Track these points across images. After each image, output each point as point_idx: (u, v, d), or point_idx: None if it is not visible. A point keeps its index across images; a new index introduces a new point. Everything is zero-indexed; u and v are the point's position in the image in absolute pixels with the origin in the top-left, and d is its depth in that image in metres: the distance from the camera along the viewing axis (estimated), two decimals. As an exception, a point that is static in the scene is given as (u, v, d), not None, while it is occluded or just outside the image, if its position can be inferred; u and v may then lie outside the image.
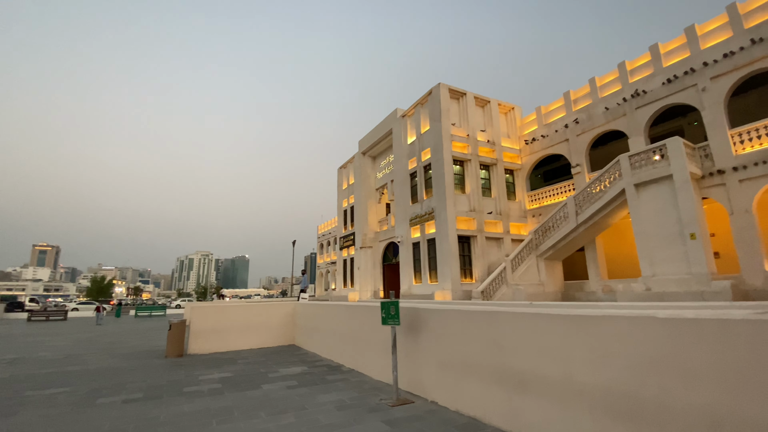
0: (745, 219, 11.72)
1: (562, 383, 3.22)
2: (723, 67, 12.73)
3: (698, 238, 11.07)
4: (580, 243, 15.71)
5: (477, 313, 4.24)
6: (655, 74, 14.82)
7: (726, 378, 2.33)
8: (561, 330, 3.27)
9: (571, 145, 17.94)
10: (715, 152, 12.54)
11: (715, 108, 12.80)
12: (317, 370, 7.06)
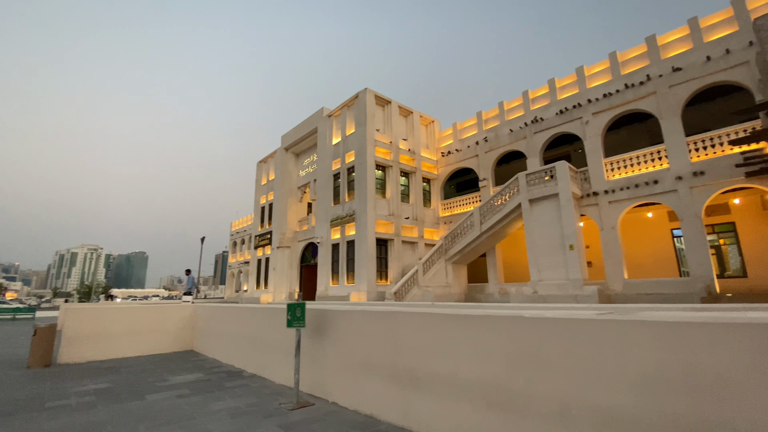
0: (611, 234, 14.04)
1: (450, 378, 3.50)
2: (602, 105, 15.15)
3: (575, 249, 12.96)
4: (483, 249, 17.24)
5: (378, 314, 4.39)
6: (551, 105, 17.02)
7: (574, 368, 2.76)
8: (450, 328, 3.56)
9: (480, 160, 19.65)
10: (592, 176, 14.83)
11: (594, 139, 15.15)
12: (215, 377, 6.60)
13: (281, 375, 5.98)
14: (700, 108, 14.39)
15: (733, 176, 11.45)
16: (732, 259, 14.29)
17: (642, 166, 13.76)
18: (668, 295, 12.19)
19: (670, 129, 13.07)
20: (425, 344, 3.78)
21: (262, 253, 26.66)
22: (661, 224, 15.53)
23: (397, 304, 6.04)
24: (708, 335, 2.22)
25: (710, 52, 12.67)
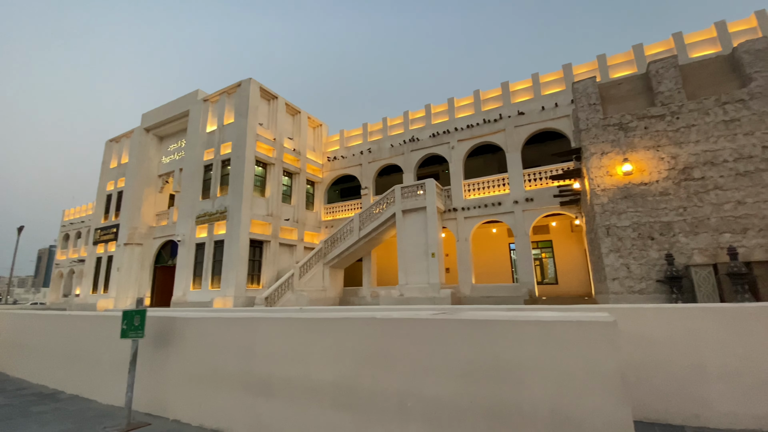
0: (465, 245, 16.21)
1: (302, 382, 3.52)
2: (465, 134, 17.48)
3: (436, 257, 14.57)
4: (360, 254, 17.92)
5: (235, 320, 4.15)
6: (426, 128, 18.89)
7: (411, 364, 3.10)
8: (306, 332, 3.61)
9: (363, 169, 20.48)
10: (454, 195, 16.94)
11: (457, 162, 17.35)
12: (18, 402, 5.22)
13: (111, 394, 5.08)
14: (535, 147, 17.91)
15: (552, 204, 14.55)
16: (549, 270, 18.09)
17: (491, 190, 16.36)
18: (503, 297, 14.69)
19: (513, 161, 15.90)
20: (281, 350, 3.73)
21: (104, 249, 22.22)
22: (502, 239, 18.68)
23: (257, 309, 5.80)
24: (508, 330, 2.77)
25: (545, 103, 15.93)
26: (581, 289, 16.17)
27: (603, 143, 8.41)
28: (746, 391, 3.61)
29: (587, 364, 2.53)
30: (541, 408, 2.61)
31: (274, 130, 19.35)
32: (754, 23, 13.89)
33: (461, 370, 2.90)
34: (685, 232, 7.25)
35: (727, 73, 8.20)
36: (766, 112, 7.38)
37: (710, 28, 14.49)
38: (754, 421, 3.55)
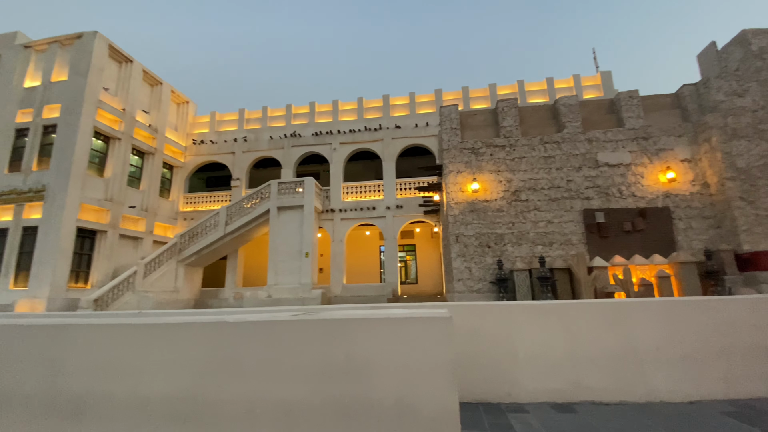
0: (339, 246, 16.50)
1: (129, 399, 3.00)
2: (348, 138, 17.88)
3: (310, 256, 14.43)
4: (225, 252, 16.44)
5: (39, 328, 3.29)
6: (309, 125, 18.62)
7: (263, 368, 2.97)
8: (139, 340, 3.10)
9: (236, 158, 18.91)
10: (332, 196, 17.11)
11: (338, 164, 17.60)
12: None
13: None
14: (408, 159, 19.49)
15: (418, 212, 16.04)
16: (412, 271, 19.84)
17: (368, 194, 17.11)
18: (370, 296, 15.46)
19: (388, 170, 16.97)
20: (104, 362, 3.11)
21: None
22: (374, 241, 19.70)
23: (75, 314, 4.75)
24: (360, 328, 2.91)
25: (418, 121, 17.49)
26: (436, 289, 18.24)
27: (459, 163, 9.70)
28: (544, 371, 4.61)
29: (427, 357, 2.85)
30: (387, 400, 2.82)
31: (124, 99, 16.22)
32: (571, 83, 18.05)
33: (315, 370, 2.91)
34: (512, 242, 8.92)
35: (549, 119, 10.45)
36: (571, 153, 9.66)
37: (543, 81, 18.22)
38: (548, 394, 4.54)
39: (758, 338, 4.42)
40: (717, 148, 8.57)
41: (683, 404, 4.29)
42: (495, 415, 4.03)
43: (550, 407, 4.26)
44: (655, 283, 7.82)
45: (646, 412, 4.06)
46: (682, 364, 4.46)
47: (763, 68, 8.88)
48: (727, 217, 8.33)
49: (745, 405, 4.12)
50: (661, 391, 4.44)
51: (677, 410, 4.10)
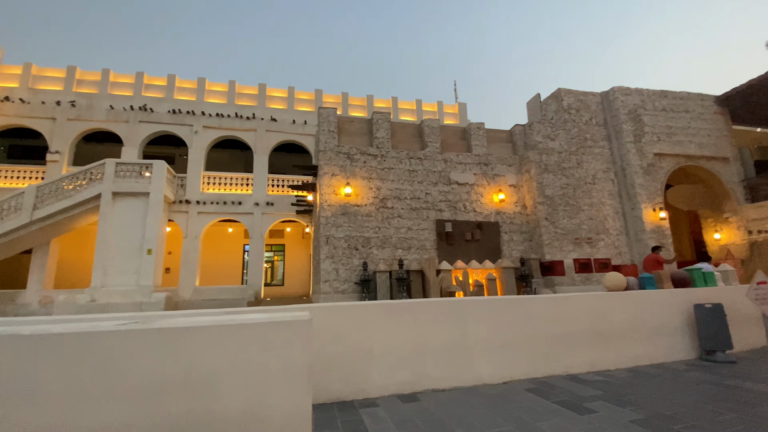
0: (193, 243, 14.67)
1: None
2: (214, 122, 16.11)
3: (154, 254, 12.39)
4: (30, 243, 12.77)
5: None
6: (166, 99, 16.09)
7: (77, 390, 2.39)
8: None
9: (57, 126, 14.94)
10: (189, 185, 15.13)
11: (200, 150, 15.69)
12: None
13: None
14: (282, 155, 18.74)
15: (290, 211, 15.55)
16: (278, 272, 19.07)
17: (234, 187, 15.74)
18: (228, 300, 14.20)
19: (260, 164, 15.99)
20: None
21: None
22: (237, 239, 18.23)
23: None
24: (206, 337, 2.63)
25: (297, 117, 17.01)
26: (302, 290, 17.98)
27: (334, 166, 9.84)
28: (395, 365, 4.99)
29: (282, 362, 2.76)
30: (233, 412, 2.61)
31: None
32: (435, 108, 20.31)
33: (146, 388, 2.50)
34: (377, 246, 9.49)
35: (415, 137, 11.53)
36: (431, 170, 10.85)
37: (413, 102, 20.02)
38: (396, 387, 4.92)
39: (552, 328, 5.76)
40: (534, 178, 10.91)
41: (499, 385, 5.25)
42: (348, 412, 4.18)
43: (397, 398, 4.65)
44: (485, 284, 9.44)
45: (472, 394, 4.81)
46: (500, 351, 5.47)
47: (569, 120, 11.75)
48: (536, 233, 10.68)
49: (542, 382, 5.29)
50: (484, 375, 5.35)
51: (495, 390, 4.98)
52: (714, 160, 11.94)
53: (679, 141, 11.74)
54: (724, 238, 12.10)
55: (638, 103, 11.87)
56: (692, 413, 3.85)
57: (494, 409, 4.19)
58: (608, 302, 6.13)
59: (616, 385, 4.96)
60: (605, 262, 10.46)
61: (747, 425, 3.50)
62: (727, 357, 6.16)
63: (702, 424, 3.57)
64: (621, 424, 3.59)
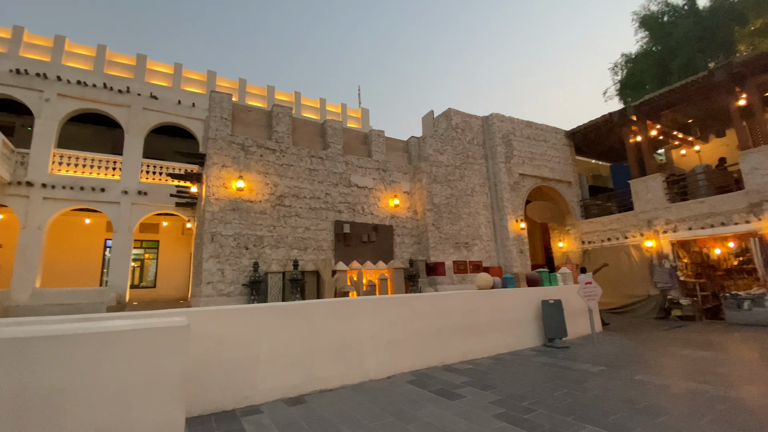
0: (35, 235, 11.87)
1: None
2: (74, 90, 13.32)
3: (-30, 247, 9.64)
4: None
5: None
6: (8, 56, 12.76)
7: None
8: None
9: None
10: (33, 163, 12.21)
11: (51, 122, 12.79)
12: None
13: None
14: (162, 138, 16.49)
15: (168, 203, 13.76)
16: (150, 272, 16.67)
17: (95, 171, 13.25)
18: (81, 305, 11.87)
19: (132, 145, 13.80)
20: None
21: None
22: (97, 233, 15.39)
23: None
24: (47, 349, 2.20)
25: (183, 98, 15.18)
26: (179, 293, 16.08)
27: (226, 157, 9.10)
28: (283, 368, 4.85)
29: (149, 373, 2.47)
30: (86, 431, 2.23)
31: None
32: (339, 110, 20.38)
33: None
34: (271, 245, 9.10)
35: (318, 136, 11.42)
36: (332, 171, 10.87)
37: (317, 100, 19.78)
38: (283, 391, 4.78)
39: (432, 323, 6.31)
40: (424, 187, 11.84)
41: (384, 379, 5.54)
42: (228, 422, 3.93)
43: (283, 403, 4.54)
44: (378, 284, 9.86)
45: (359, 390, 4.98)
46: (387, 347, 5.79)
47: (455, 138, 13.07)
48: (424, 237, 11.60)
49: (422, 374, 5.74)
50: (371, 371, 5.58)
51: (380, 385, 5.24)
52: (561, 182, 14.70)
53: (538, 165, 14.14)
54: (565, 246, 14.96)
55: (510, 129, 13.91)
56: (536, 391, 4.68)
57: (378, 402, 4.42)
58: (478, 299, 7.02)
59: (481, 372, 5.71)
60: (478, 264, 11.93)
61: (574, 397, 4.40)
62: (563, 343, 7.63)
63: (543, 399, 4.36)
64: (483, 406, 4.16)
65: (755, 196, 9.80)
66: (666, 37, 16.88)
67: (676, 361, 6.00)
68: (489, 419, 3.73)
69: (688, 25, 16.07)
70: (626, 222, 12.76)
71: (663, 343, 7.54)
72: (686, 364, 5.72)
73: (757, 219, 9.73)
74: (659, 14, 17.91)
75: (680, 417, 3.61)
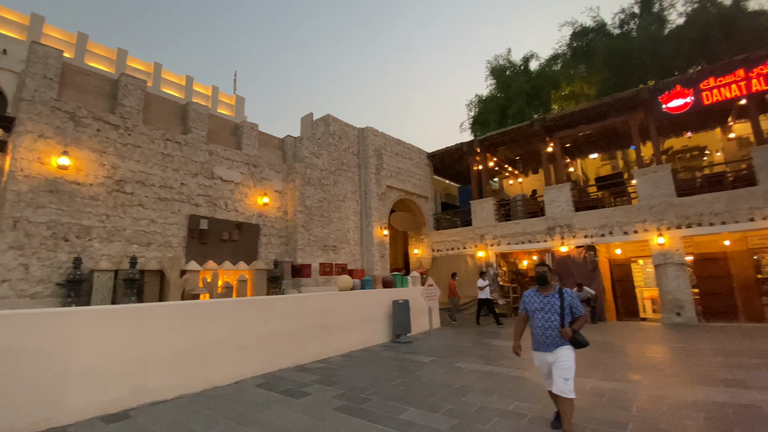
0: None
1: None
2: None
3: None
4: None
5: None
6: None
7: None
8: None
9: None
10: None
11: None
12: None
13: None
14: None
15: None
16: None
17: None
18: None
19: None
20: None
21: None
22: None
23: None
24: None
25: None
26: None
27: (46, 126, 7.32)
28: (102, 381, 4.16)
29: None
30: None
31: None
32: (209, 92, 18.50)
33: None
34: (102, 238, 7.65)
35: (177, 118, 10.18)
36: (191, 159, 9.80)
37: (183, 76, 17.57)
38: (102, 407, 4.10)
39: (289, 325, 6.32)
40: (297, 188, 11.75)
41: (231, 385, 5.31)
42: (13, 452, 3.21)
43: (100, 420, 3.95)
44: (235, 286, 9.29)
45: (199, 398, 4.66)
46: (237, 352, 5.55)
47: (332, 144, 13.36)
48: (293, 238, 11.48)
49: (273, 376, 5.69)
50: (215, 378, 5.27)
51: (224, 391, 5.00)
52: (421, 197, 16.55)
53: (403, 179, 15.63)
54: (420, 253, 16.84)
55: (382, 144, 15.01)
56: (376, 383, 5.19)
57: (220, 409, 4.24)
58: (336, 300, 7.37)
59: (332, 369, 6.02)
60: (343, 266, 12.42)
61: (407, 385, 5.04)
62: (407, 338, 8.60)
63: (381, 389, 4.87)
64: (326, 401, 4.42)
65: (551, 222, 12.94)
66: (506, 88, 20.85)
67: (487, 350, 7.45)
68: (329, 412, 4.00)
69: (521, 82, 20.22)
70: (466, 235, 15.16)
71: (482, 336, 9.24)
72: (493, 353, 7.17)
73: (552, 239, 12.85)
74: (504, 68, 22.02)
75: (481, 393, 4.56)
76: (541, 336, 3.33)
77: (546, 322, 3.31)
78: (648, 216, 11.07)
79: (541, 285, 3.49)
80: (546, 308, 3.35)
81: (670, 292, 10.55)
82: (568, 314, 3.29)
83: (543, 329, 3.32)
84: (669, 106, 11.37)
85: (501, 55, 22.25)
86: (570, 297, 3.35)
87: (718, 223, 10.11)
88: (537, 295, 3.49)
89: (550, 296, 3.39)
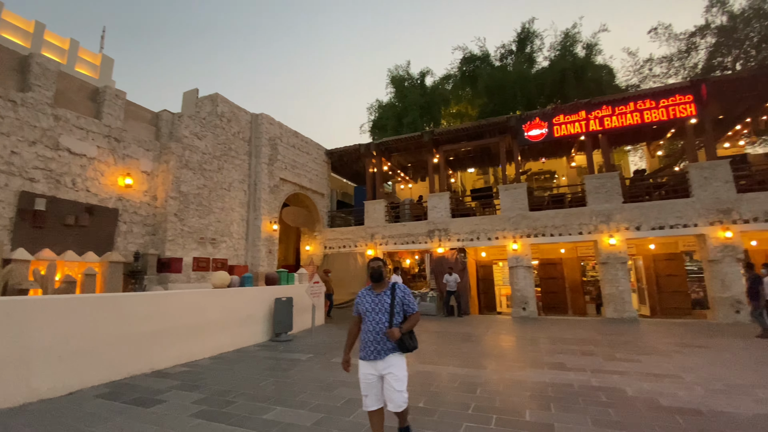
0: None
1: None
2: None
3: None
4: None
5: None
6: None
7: None
8: None
9: None
10: None
11: None
12: None
13: None
14: None
15: None
16: None
17: None
18: None
19: None
20: None
21: None
22: None
23: None
24: None
25: None
26: None
27: None
28: None
29: None
30: None
31: None
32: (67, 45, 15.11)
33: None
34: None
35: (15, 71, 8.09)
36: (30, 123, 7.88)
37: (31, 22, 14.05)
38: None
39: (146, 326, 5.57)
40: (171, 171, 10.42)
41: (63, 397, 4.45)
42: None
43: None
44: (80, 280, 7.78)
45: (16, 415, 3.80)
46: (73, 358, 4.67)
47: (219, 126, 12.20)
48: (162, 228, 10.14)
49: (121, 384, 4.94)
50: (42, 389, 4.35)
51: (53, 404, 4.17)
52: (317, 193, 16.36)
53: (299, 173, 15.23)
54: (312, 249, 16.63)
55: (277, 134, 14.38)
56: (245, 384, 4.96)
57: (41, 426, 3.53)
58: (207, 299, 6.81)
59: (196, 373, 5.53)
60: (223, 262, 11.49)
61: (277, 384, 4.93)
62: (287, 337, 8.41)
63: (248, 390, 4.67)
64: (183, 407, 4.05)
65: (432, 225, 14.17)
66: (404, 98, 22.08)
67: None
68: (185, 419, 3.68)
69: (416, 94, 21.65)
70: (358, 234, 15.58)
71: (362, 331, 9.59)
72: (369, 346, 7.50)
73: (431, 241, 14.07)
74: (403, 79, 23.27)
75: (352, 386, 4.72)
76: (372, 342, 2.86)
77: (377, 324, 2.86)
78: (507, 225, 13.01)
79: (375, 282, 3.03)
80: (377, 308, 2.90)
81: (519, 290, 12.58)
82: (399, 312, 2.89)
83: (374, 333, 2.86)
84: (529, 134, 13.58)
85: (401, 66, 23.42)
86: (402, 293, 2.94)
87: (557, 234, 12.45)
88: (370, 293, 3.00)
89: (382, 294, 2.94)
